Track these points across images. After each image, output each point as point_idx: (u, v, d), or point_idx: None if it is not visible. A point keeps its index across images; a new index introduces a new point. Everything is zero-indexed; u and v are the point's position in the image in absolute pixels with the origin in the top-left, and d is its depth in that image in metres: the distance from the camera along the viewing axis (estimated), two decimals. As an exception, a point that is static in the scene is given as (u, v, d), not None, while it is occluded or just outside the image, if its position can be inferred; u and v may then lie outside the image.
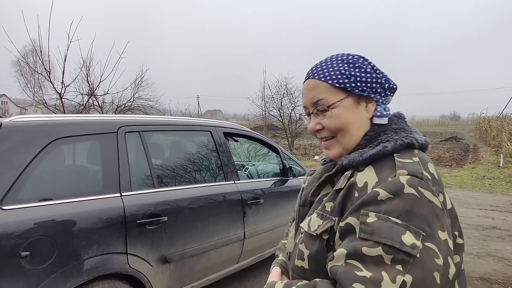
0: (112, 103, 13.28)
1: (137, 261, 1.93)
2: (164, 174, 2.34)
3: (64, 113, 7.05)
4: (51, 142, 1.77)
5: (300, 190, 0.96)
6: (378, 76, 0.80)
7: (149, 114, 13.77)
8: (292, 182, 3.40)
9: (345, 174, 0.77)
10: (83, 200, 1.81)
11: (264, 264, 3.38)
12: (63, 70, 6.72)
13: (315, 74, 0.80)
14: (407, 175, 0.66)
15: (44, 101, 8.64)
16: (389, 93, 0.83)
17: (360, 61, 0.81)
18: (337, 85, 0.77)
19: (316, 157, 14.11)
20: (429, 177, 0.67)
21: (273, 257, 3.62)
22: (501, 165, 10.90)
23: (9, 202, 1.58)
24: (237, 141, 3.58)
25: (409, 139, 0.74)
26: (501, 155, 11.73)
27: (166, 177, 2.34)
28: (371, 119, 0.80)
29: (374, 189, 0.66)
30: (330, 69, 0.79)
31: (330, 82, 0.77)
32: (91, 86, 9.17)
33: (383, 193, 0.64)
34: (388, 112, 0.81)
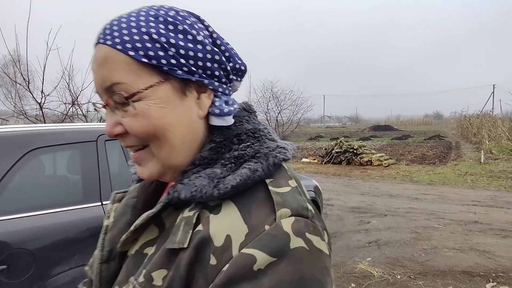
0: (96, 112, 13.07)
1: None
2: None
3: (45, 123, 6.93)
4: (27, 152, 1.75)
5: (102, 229, 0.61)
6: (219, 49, 0.50)
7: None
8: None
9: (185, 216, 0.46)
10: (63, 210, 1.78)
11: None
12: (43, 80, 6.61)
13: (108, 36, 0.45)
14: (291, 215, 0.42)
15: (23, 112, 8.45)
16: (235, 78, 0.53)
17: (188, 22, 0.48)
18: (145, 59, 0.44)
19: (304, 159, 14.20)
20: (313, 211, 0.45)
21: None
22: (482, 161, 11.22)
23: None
24: None
25: (283, 154, 0.48)
26: (482, 151, 12.09)
27: None
28: (206, 118, 0.50)
29: (245, 251, 0.40)
30: (133, 30, 0.44)
31: (131, 53, 0.44)
32: (73, 94, 9.03)
33: (261, 258, 0.39)
34: (233, 108, 0.51)
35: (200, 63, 0.47)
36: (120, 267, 0.52)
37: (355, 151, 12.53)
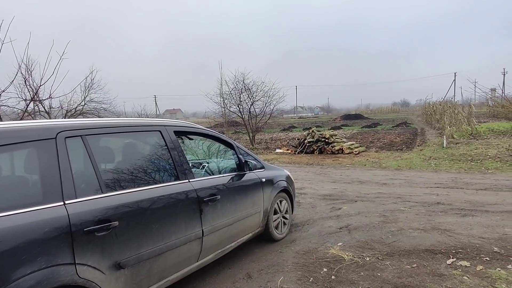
0: (61, 108, 12.44)
1: (87, 270, 1.85)
2: (112, 178, 2.24)
3: (1, 121, 6.49)
4: None
5: None
6: None
7: (102, 117, 13.09)
8: (248, 176, 3.48)
9: None
10: (20, 212, 1.67)
11: (227, 259, 3.40)
12: (-3, 75, 6.19)
13: None
14: None
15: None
16: None
17: None
18: None
19: (278, 150, 14.35)
20: None
21: (234, 252, 3.68)
22: (444, 146, 11.85)
23: None
24: (191, 139, 3.56)
25: None
26: (444, 136, 12.75)
27: (114, 181, 2.23)
28: None
29: None
30: None
31: None
32: (32, 90, 8.51)
33: None
34: None
35: None
36: None
37: (326, 140, 12.81)
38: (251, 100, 16.86)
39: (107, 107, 14.14)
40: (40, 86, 7.85)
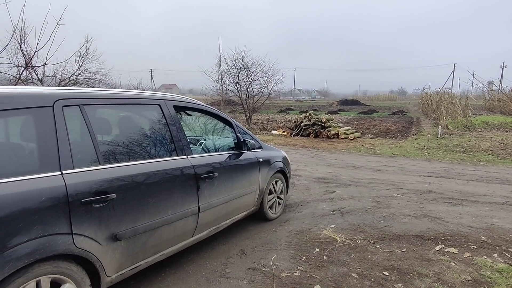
0: (55, 77, 12.16)
1: (84, 240, 1.87)
2: (110, 150, 2.22)
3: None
4: None
5: None
6: None
7: (97, 88, 12.82)
8: (246, 155, 3.48)
9: None
10: (17, 180, 1.66)
11: (221, 236, 3.46)
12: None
13: None
14: None
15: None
16: None
17: None
18: None
19: (274, 131, 14.35)
20: None
21: (229, 229, 3.74)
22: (439, 136, 11.95)
23: None
24: (190, 115, 3.53)
25: None
26: (439, 127, 12.84)
27: (112, 153, 2.22)
28: None
29: None
30: None
31: None
32: (26, 56, 8.27)
33: None
34: None
35: None
36: None
37: (323, 124, 12.82)
38: (250, 80, 16.67)
39: (102, 78, 13.83)
40: (36, 52, 7.62)
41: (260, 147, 3.86)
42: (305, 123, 13.23)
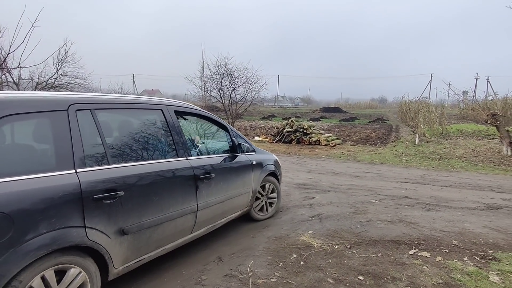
0: (31, 79, 11.80)
1: (95, 233, 2.03)
2: (118, 151, 2.39)
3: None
4: (0, 118, 1.78)
5: None
6: None
7: (76, 92, 12.51)
8: (240, 158, 3.69)
9: None
10: (37, 177, 1.82)
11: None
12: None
13: None
14: None
15: None
16: None
17: None
18: None
19: (257, 138, 14.39)
20: None
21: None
22: (416, 143, 12.32)
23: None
24: (186, 119, 3.64)
25: None
26: (417, 134, 13.24)
27: (120, 153, 2.39)
28: None
29: None
30: None
31: None
32: (0, 58, 8.00)
33: None
34: None
35: None
36: None
37: (305, 131, 12.97)
38: (233, 86, 16.69)
39: (81, 82, 13.50)
40: (9, 53, 7.38)
41: (253, 151, 4.04)
42: (287, 129, 13.35)
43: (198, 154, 3.30)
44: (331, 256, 3.13)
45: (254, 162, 3.88)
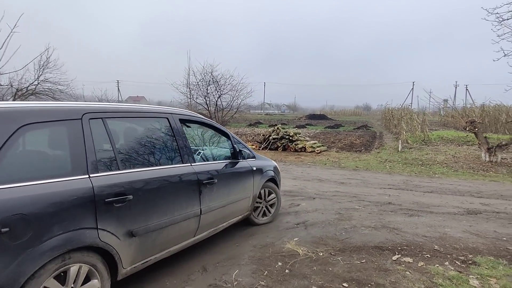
0: (11, 86, 11.48)
1: (106, 235, 2.13)
2: (127, 157, 2.50)
3: None
4: (20, 127, 1.88)
5: None
6: None
7: (58, 99, 12.25)
8: (241, 164, 3.80)
9: None
10: (55, 181, 1.93)
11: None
12: None
13: None
14: None
15: None
16: None
17: None
18: None
19: (242, 145, 14.39)
20: None
21: (226, 231, 3.88)
22: (399, 150, 12.58)
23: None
24: (189, 127, 3.70)
25: None
26: (400, 141, 13.53)
27: (129, 160, 2.50)
28: None
29: None
30: None
31: None
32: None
33: None
34: None
35: None
36: None
37: (291, 138, 13.06)
38: (219, 93, 16.70)
39: (63, 88, 13.22)
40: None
41: (254, 157, 4.15)
42: (273, 136, 13.41)
43: (199, 161, 3.41)
44: (316, 263, 3.14)
45: (255, 168, 3.98)
